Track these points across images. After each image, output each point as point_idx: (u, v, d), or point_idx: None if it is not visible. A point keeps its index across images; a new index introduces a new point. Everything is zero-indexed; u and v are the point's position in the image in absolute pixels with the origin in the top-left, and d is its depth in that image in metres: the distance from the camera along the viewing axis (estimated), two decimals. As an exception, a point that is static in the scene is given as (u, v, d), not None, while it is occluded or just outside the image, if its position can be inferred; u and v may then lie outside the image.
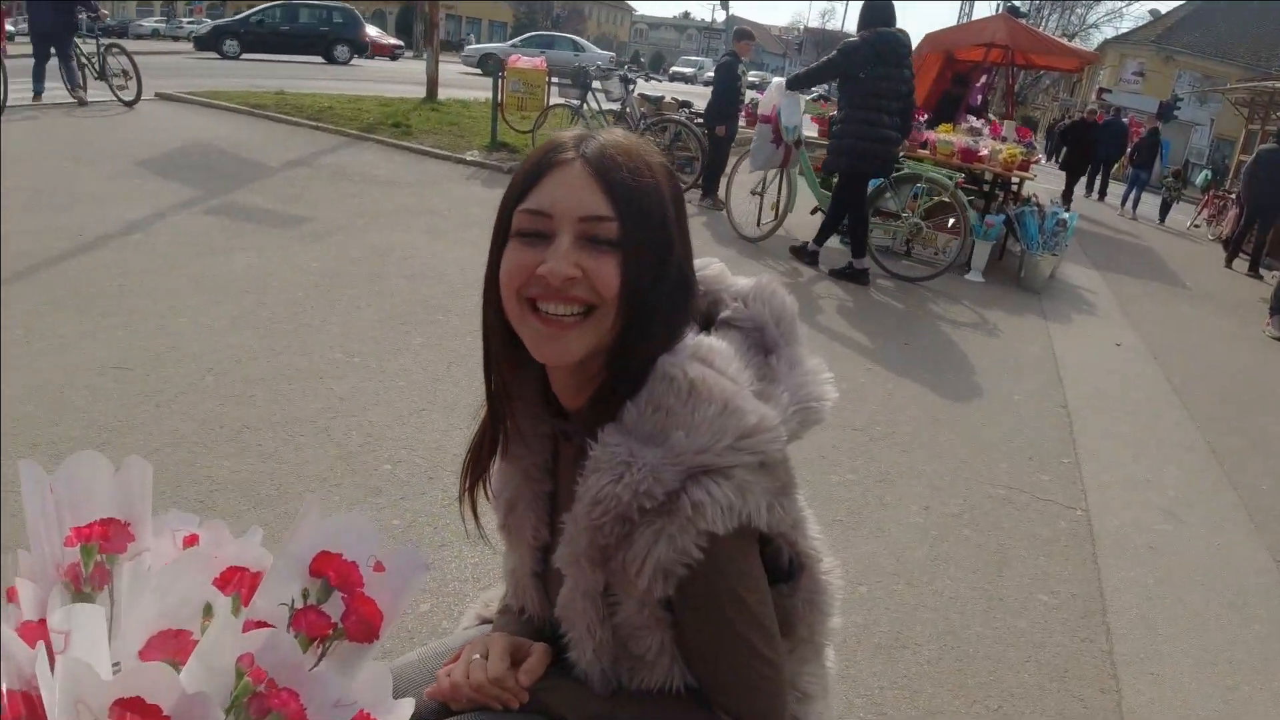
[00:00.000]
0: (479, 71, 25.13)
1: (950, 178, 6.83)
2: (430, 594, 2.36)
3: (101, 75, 10.05)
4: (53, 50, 9.83)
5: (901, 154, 6.97)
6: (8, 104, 8.59)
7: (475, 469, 1.15)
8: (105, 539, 0.99)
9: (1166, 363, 6.07)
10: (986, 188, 8.11)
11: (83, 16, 10.18)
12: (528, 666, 1.09)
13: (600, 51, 29.74)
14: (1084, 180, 16.81)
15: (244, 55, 21.32)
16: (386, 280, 4.96)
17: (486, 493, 1.18)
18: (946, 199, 6.86)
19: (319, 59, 22.49)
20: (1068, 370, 5.33)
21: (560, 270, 0.93)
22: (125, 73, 9.97)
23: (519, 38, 30.71)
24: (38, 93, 9.63)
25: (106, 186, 6.42)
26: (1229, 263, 11.73)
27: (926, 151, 7.74)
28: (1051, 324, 6.42)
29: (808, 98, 8.19)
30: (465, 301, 4.74)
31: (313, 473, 2.88)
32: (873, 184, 6.63)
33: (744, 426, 0.91)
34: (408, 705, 1.01)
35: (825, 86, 7.73)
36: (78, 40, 10.00)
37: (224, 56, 21.02)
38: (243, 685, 0.85)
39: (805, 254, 6.82)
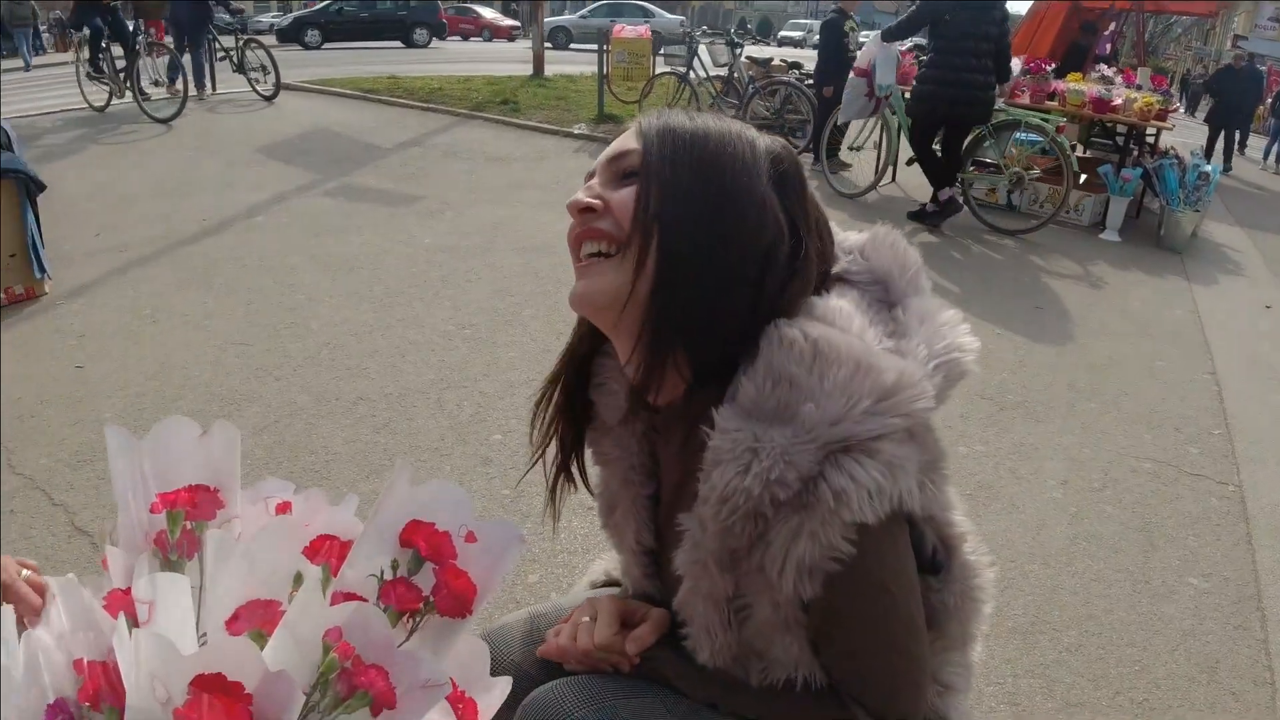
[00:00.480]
0: (549, 45, 25.00)
1: (1051, 123, 6.42)
2: (539, 564, 2.32)
3: (240, 69, 10.23)
4: (186, 42, 10.14)
5: (1001, 100, 6.61)
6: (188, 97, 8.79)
7: (557, 476, 1.09)
8: (192, 505, 0.95)
9: (1325, 327, 5.56)
10: (1121, 140, 7.57)
11: (223, 14, 10.41)
12: (637, 634, 1.00)
13: (670, 16, 28.91)
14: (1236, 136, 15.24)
15: (325, 45, 21.29)
16: (497, 254, 4.97)
17: (586, 482, 1.11)
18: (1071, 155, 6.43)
19: (398, 43, 22.46)
20: (1215, 335, 4.92)
21: (577, 199, 0.89)
22: (264, 67, 10.08)
23: (586, 8, 30.21)
24: (171, 79, 9.98)
25: (229, 173, 6.66)
26: (1383, 218, 10.74)
27: (1055, 102, 7.26)
28: (1195, 286, 5.95)
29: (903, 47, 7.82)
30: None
31: (425, 443, 2.89)
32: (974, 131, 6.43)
33: (882, 385, 0.79)
34: (505, 683, 0.94)
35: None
36: (218, 35, 10.14)
37: (305, 47, 20.94)
38: (329, 661, 0.80)
39: (926, 215, 6.54)
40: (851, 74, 6.88)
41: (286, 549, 0.93)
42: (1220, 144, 13.22)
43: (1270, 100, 16.24)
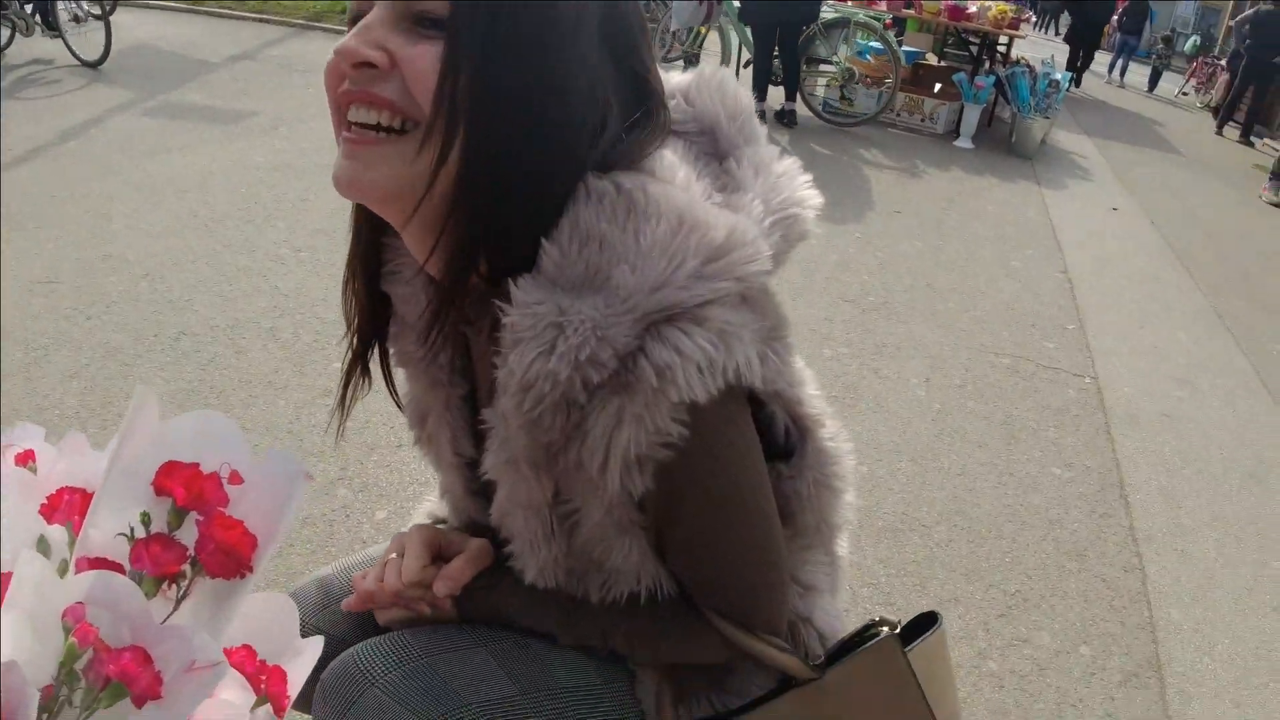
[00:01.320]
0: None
1: (879, 19, 6.71)
2: (387, 498, 2.15)
3: None
4: None
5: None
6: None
7: (350, 368, 0.89)
8: (-112, 462, 0.74)
9: (1165, 228, 5.85)
10: (975, 49, 7.71)
11: None
12: (447, 571, 0.85)
13: None
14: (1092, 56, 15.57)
15: None
16: (337, 172, 4.62)
17: (395, 399, 0.93)
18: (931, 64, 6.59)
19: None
20: (1066, 236, 5.09)
21: (352, 48, 0.65)
22: None
23: None
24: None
25: (36, 99, 5.96)
26: (1219, 130, 11.46)
27: (911, 11, 7.31)
28: (1046, 190, 6.15)
29: None
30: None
31: (257, 376, 2.64)
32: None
33: (710, 244, 0.65)
34: (316, 644, 0.78)
35: None
36: None
37: None
38: (68, 648, 0.61)
39: (783, 116, 6.59)
40: None
41: (20, 508, 0.72)
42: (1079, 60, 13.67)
43: (1116, 17, 16.89)
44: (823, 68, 7.00)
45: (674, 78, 0.82)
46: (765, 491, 0.77)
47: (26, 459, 0.82)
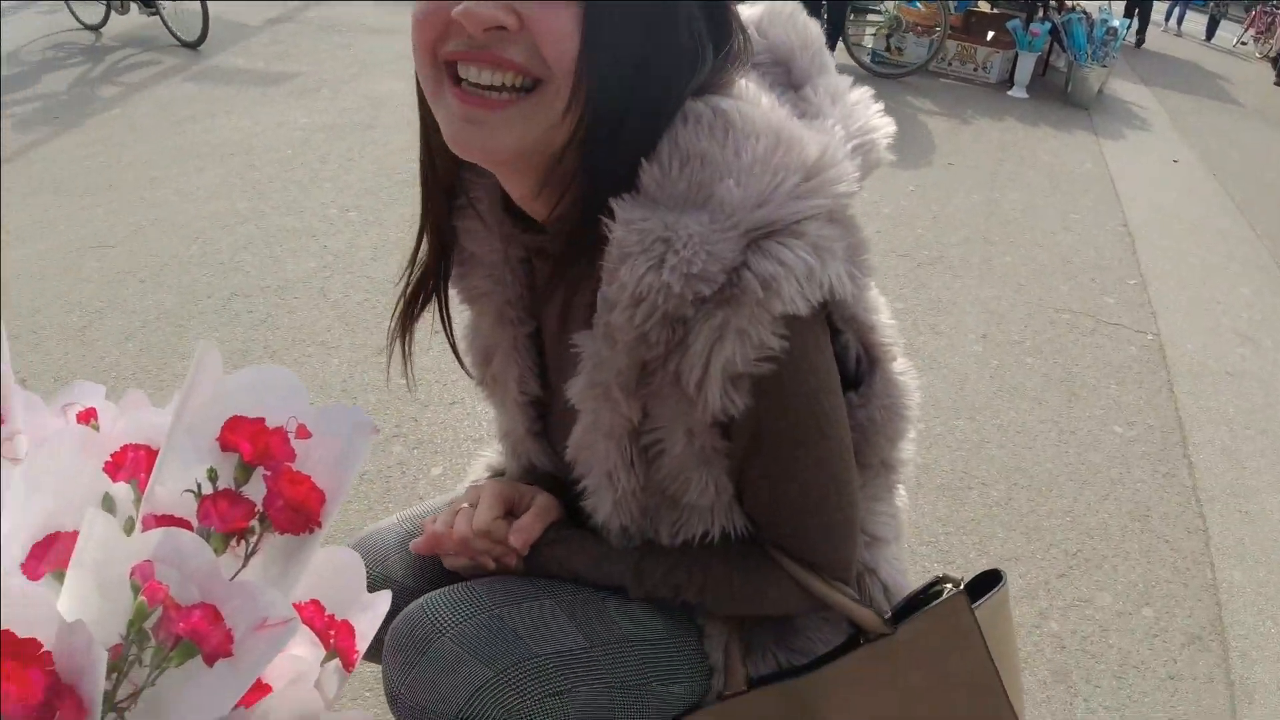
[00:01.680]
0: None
1: None
2: (442, 455, 2.15)
3: None
4: None
5: None
6: None
7: (409, 304, 0.89)
8: (-52, 423, 0.74)
9: (1227, 180, 5.63)
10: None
11: None
12: (520, 525, 0.85)
13: None
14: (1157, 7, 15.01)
15: None
16: (381, 130, 4.60)
17: (450, 339, 0.93)
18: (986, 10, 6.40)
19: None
20: (1124, 188, 4.92)
21: (480, 12, 0.63)
22: None
23: None
24: None
25: (77, 66, 6.00)
26: (1279, 80, 10.95)
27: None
28: (1103, 140, 5.94)
29: None
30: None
31: (309, 336, 2.65)
32: None
33: (807, 161, 0.66)
34: (384, 598, 0.77)
35: None
36: None
37: None
38: (137, 606, 0.60)
39: None
40: None
41: (81, 466, 0.72)
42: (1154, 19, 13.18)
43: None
44: (870, 17, 6.80)
45: (744, 10, 0.81)
46: (845, 423, 0.79)
47: (88, 417, 0.82)
